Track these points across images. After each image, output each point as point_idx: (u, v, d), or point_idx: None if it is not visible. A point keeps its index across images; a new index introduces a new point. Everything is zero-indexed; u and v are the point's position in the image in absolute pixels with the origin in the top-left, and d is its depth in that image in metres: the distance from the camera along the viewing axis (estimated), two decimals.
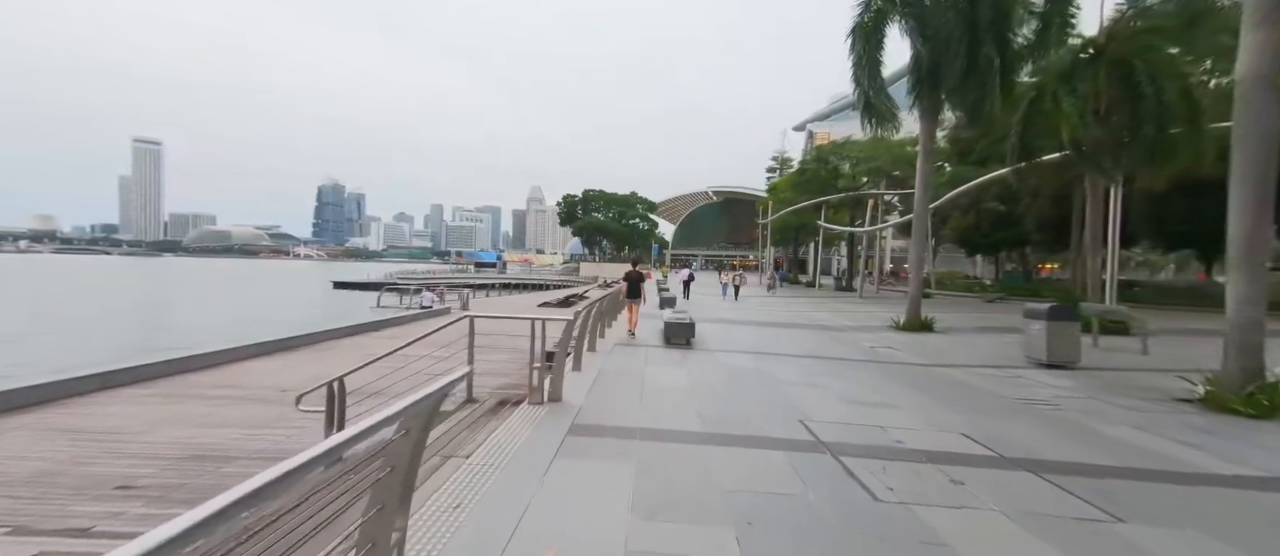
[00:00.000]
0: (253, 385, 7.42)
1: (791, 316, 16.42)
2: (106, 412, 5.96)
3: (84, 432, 5.22)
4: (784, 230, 46.47)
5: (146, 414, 5.92)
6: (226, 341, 9.69)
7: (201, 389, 7.18)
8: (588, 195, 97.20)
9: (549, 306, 23.60)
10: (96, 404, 6.25)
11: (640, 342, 9.54)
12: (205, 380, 7.62)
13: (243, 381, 7.63)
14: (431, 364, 4.90)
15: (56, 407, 5.96)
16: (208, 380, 7.63)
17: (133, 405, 6.29)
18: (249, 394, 6.95)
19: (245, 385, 7.42)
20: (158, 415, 5.88)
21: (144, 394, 6.73)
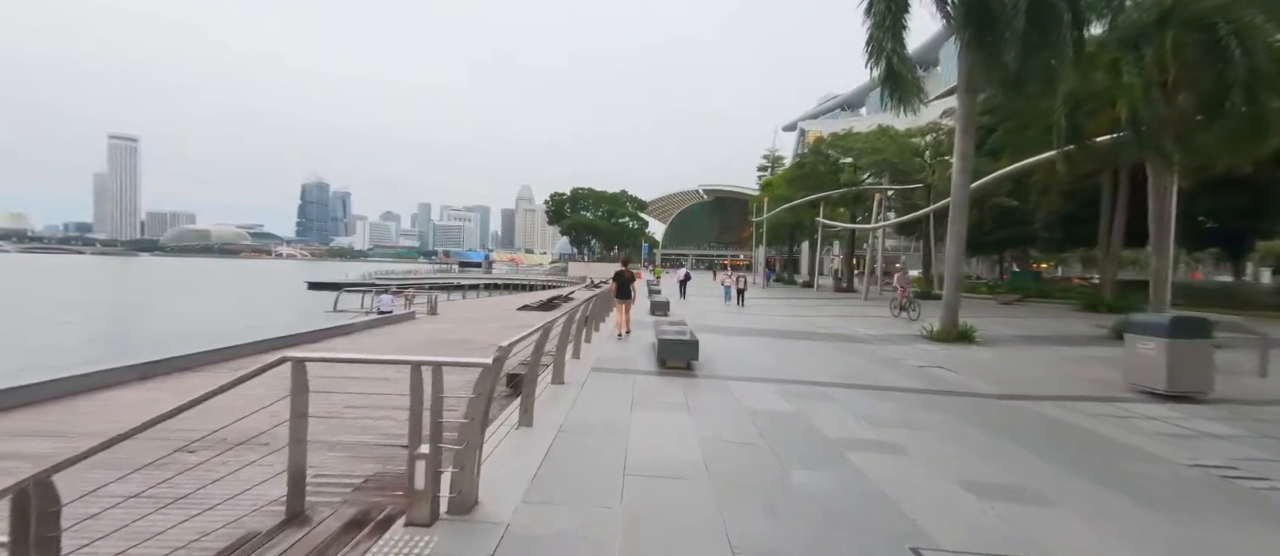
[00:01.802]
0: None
1: (802, 323, 14.35)
2: None
3: None
4: (779, 229, 44.61)
5: None
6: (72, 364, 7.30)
7: None
8: (576, 193, 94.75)
9: (530, 310, 21.32)
10: None
11: (629, 363, 7.36)
12: None
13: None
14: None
15: None
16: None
17: None
18: None
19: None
20: None
21: None
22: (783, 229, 45.29)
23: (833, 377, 7.11)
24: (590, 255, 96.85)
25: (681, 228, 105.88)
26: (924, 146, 26.54)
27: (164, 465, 3.01)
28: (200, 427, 3.06)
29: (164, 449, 3.20)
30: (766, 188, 47.69)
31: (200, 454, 3.39)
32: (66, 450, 2.01)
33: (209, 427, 3.11)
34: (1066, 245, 27.78)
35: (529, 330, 4.48)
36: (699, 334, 8.43)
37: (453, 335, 13.25)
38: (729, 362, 7.72)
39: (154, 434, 2.49)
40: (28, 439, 4.89)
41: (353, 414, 5.21)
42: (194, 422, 2.79)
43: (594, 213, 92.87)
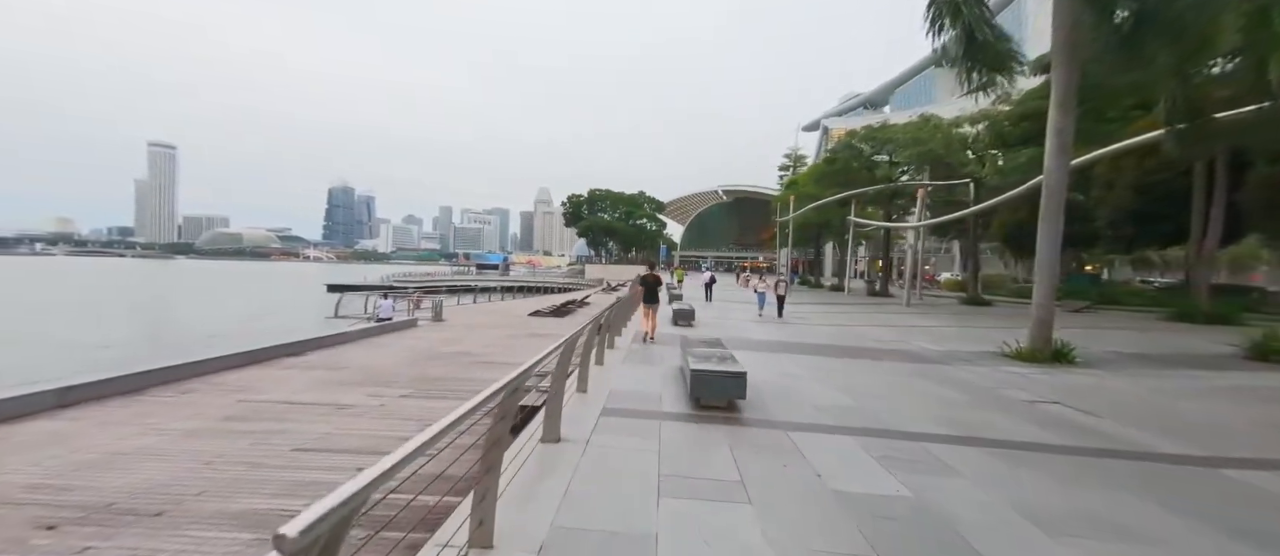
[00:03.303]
0: None
1: (850, 336, 12.33)
2: None
3: None
4: (803, 229, 42.27)
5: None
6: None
7: None
8: (593, 195, 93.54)
9: (541, 316, 19.74)
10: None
11: (650, 398, 5.57)
12: None
13: None
14: None
15: None
16: None
17: None
18: None
19: None
20: None
21: None
22: (808, 229, 42.94)
23: (930, 423, 5.18)
24: (608, 257, 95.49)
25: (700, 229, 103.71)
26: (974, 137, 24.07)
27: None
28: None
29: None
30: (791, 187, 45.38)
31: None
32: None
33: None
34: (1136, 244, 24.90)
35: (490, 388, 2.73)
36: (732, 348, 6.63)
37: (450, 346, 11.68)
38: (783, 397, 5.84)
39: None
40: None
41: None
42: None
43: (611, 214, 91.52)
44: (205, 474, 4.50)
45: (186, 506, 3.91)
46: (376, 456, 4.95)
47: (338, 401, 6.83)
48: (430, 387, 7.78)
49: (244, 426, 5.76)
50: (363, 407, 6.59)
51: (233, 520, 3.71)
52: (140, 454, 4.87)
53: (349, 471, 4.43)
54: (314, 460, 4.85)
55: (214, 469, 4.60)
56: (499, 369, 9.29)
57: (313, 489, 4.23)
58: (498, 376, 8.93)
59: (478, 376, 8.60)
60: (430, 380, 8.28)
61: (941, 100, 63.98)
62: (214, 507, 3.88)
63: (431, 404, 6.88)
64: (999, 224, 29.15)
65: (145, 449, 5.00)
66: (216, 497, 4.06)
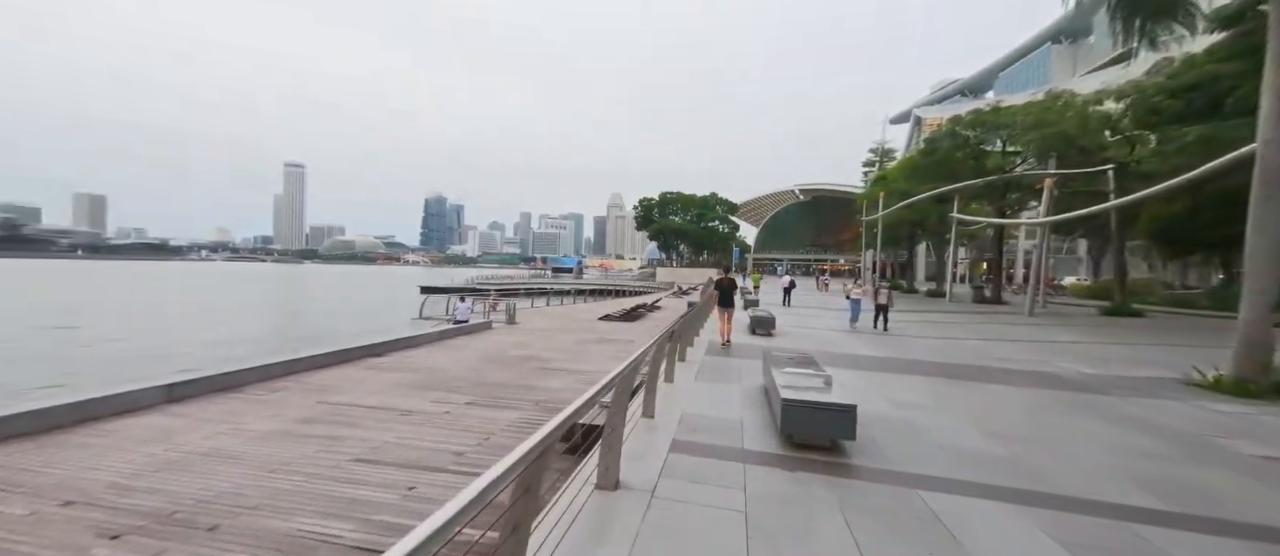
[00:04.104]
0: None
1: (968, 352, 10.41)
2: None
3: None
4: (894, 228, 38.43)
5: None
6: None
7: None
8: (664, 198, 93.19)
9: (611, 320, 19.43)
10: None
11: (729, 430, 4.72)
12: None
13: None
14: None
15: None
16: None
17: None
18: None
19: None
20: None
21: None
22: (899, 228, 39.01)
23: (1124, 487, 3.73)
24: (678, 260, 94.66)
25: (774, 230, 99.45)
26: (1118, 115, 20.05)
27: None
28: None
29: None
30: (879, 182, 41.55)
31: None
32: None
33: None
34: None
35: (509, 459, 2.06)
36: (826, 363, 5.53)
37: (519, 350, 11.56)
38: (902, 436, 4.68)
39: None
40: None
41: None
42: None
43: (682, 217, 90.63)
44: (267, 482, 4.38)
45: (239, 521, 3.73)
46: (429, 472, 4.44)
47: (404, 407, 6.72)
48: (494, 395, 7.51)
49: (315, 430, 5.74)
50: (425, 415, 6.40)
51: (275, 544, 3.45)
52: (217, 456, 4.91)
53: (398, 490, 4.02)
54: (369, 474, 4.61)
55: (276, 478, 4.48)
56: (563, 376, 8.89)
57: (360, 510, 3.94)
58: (561, 385, 8.51)
59: (541, 384, 8.24)
60: (494, 386, 8.03)
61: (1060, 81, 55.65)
62: (263, 525, 3.66)
63: (493, 413, 6.56)
64: (1148, 218, 24.24)
65: (222, 451, 5.05)
66: (269, 513, 3.86)
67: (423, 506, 4.04)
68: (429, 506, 4.05)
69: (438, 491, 4.30)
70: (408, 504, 4.07)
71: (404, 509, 3.99)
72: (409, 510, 3.97)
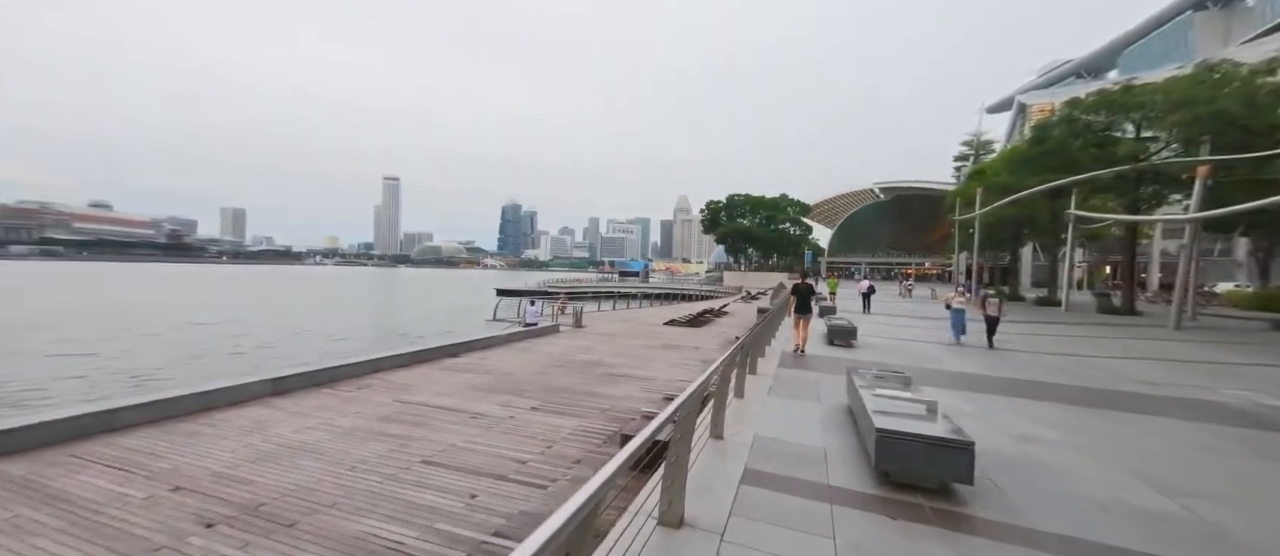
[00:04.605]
0: None
1: (1100, 374, 8.80)
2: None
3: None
4: (994, 227, 34.35)
5: None
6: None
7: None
8: (732, 200, 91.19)
9: (677, 325, 19.09)
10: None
11: (811, 460, 4.19)
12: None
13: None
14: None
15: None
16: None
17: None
18: None
19: None
20: None
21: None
22: (1002, 228, 34.80)
23: None
24: (746, 264, 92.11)
25: (850, 233, 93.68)
26: None
27: None
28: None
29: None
30: (976, 177, 37.50)
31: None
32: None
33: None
34: None
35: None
36: (922, 383, 4.74)
37: (585, 355, 11.58)
38: (1034, 481, 3.78)
39: None
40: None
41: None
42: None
43: (751, 219, 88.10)
44: (344, 480, 4.53)
45: (316, 519, 3.85)
46: (491, 480, 4.28)
47: (472, 409, 6.84)
48: (559, 401, 7.46)
49: (390, 429, 5.95)
50: (492, 419, 6.45)
51: (344, 546, 3.50)
52: (304, 450, 5.21)
53: (461, 498, 3.92)
54: (435, 477, 4.64)
55: (353, 476, 4.64)
56: (627, 384, 8.68)
57: (423, 516, 3.93)
58: (625, 394, 8.22)
59: (605, 392, 8.08)
60: (560, 392, 8.00)
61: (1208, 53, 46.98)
62: (334, 526, 3.75)
63: (556, 421, 6.47)
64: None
65: (310, 445, 5.35)
66: (342, 513, 3.96)
67: (483, 517, 3.96)
68: (488, 517, 3.96)
69: (498, 502, 4.21)
70: (468, 514, 4.00)
71: (464, 519, 3.92)
72: (469, 520, 3.90)
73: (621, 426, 6.22)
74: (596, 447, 5.56)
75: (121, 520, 3.72)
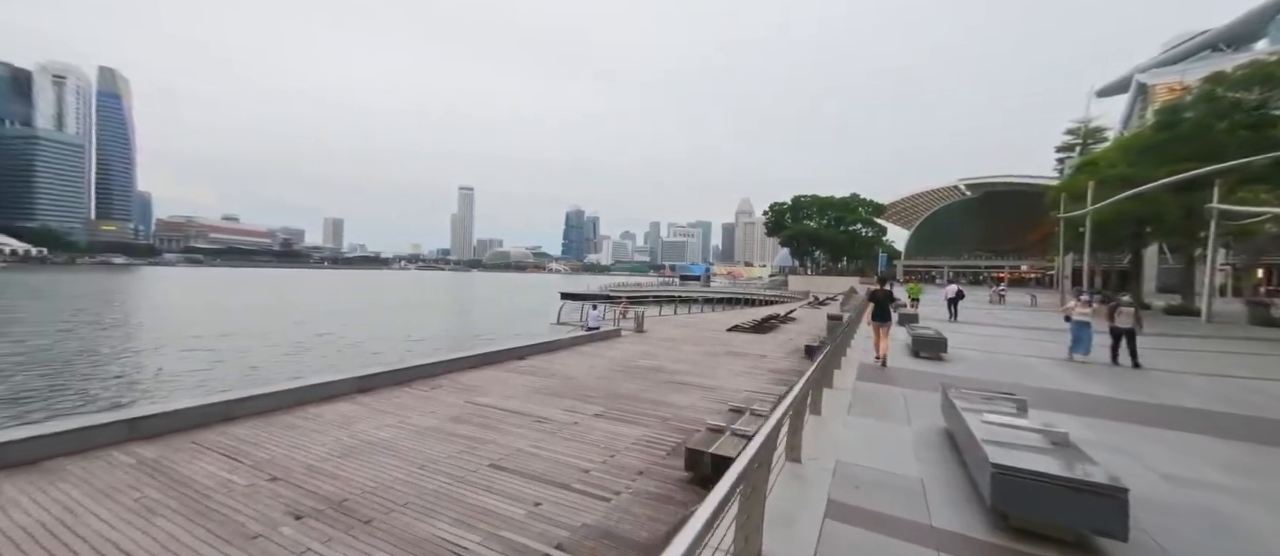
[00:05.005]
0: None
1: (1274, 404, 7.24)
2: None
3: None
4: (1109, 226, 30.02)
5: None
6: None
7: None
8: (797, 202, 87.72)
9: (741, 331, 18.48)
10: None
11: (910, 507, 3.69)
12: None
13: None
14: None
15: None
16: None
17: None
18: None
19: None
20: None
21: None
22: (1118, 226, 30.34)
23: None
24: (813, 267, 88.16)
25: (930, 233, 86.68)
26: None
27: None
28: None
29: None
30: (1086, 169, 33.11)
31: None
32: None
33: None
34: None
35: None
36: (1038, 406, 3.99)
37: (647, 360, 11.44)
38: (1209, 539, 3.02)
39: None
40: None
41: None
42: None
43: (818, 221, 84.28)
44: (417, 480, 4.67)
45: (391, 518, 3.96)
46: (554, 488, 4.18)
47: (538, 414, 6.89)
48: (622, 408, 7.35)
49: (461, 430, 6.12)
50: (557, 424, 6.46)
51: (414, 547, 3.55)
52: (383, 447, 5.46)
53: (525, 505, 3.89)
54: (502, 482, 4.66)
55: (425, 475, 4.77)
56: (691, 392, 8.40)
57: (488, 521, 3.94)
58: (689, 402, 7.94)
59: (668, 400, 7.87)
60: (623, 398, 7.89)
61: None
62: (407, 526, 3.84)
63: (619, 428, 6.35)
64: None
65: (388, 443, 5.61)
66: (414, 512, 4.06)
67: (544, 527, 3.89)
68: (550, 528, 3.88)
69: (561, 512, 4.12)
70: (531, 522, 3.95)
71: (527, 527, 3.87)
72: (532, 530, 3.84)
73: (685, 438, 5.97)
74: (660, 459, 5.36)
75: (226, 506, 4.04)
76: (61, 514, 3.83)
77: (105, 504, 4.00)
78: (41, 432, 4.86)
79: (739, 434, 5.19)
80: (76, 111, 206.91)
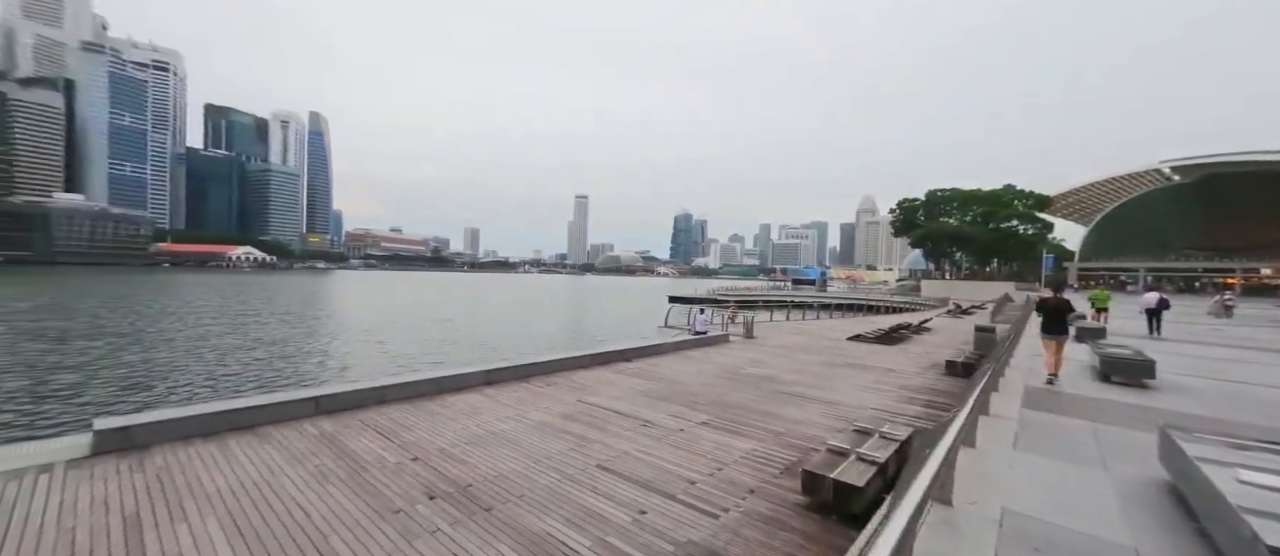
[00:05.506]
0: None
1: None
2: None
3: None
4: None
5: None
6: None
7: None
8: (932, 197, 77.85)
9: (864, 341, 16.74)
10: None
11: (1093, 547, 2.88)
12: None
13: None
14: None
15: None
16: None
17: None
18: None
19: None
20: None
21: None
22: None
23: None
24: (954, 271, 77.38)
25: (1118, 229, 70.58)
26: None
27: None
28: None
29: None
30: None
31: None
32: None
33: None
34: None
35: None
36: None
37: (757, 368, 10.86)
38: None
39: None
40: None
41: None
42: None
43: (960, 217, 73.80)
44: (531, 474, 4.89)
45: (507, 509, 4.17)
46: (660, 498, 4.03)
47: (644, 417, 6.87)
48: (730, 417, 7.01)
49: (571, 427, 6.33)
50: (663, 429, 6.36)
51: (528, 542, 3.67)
52: (503, 439, 5.85)
53: (631, 512, 3.82)
54: (608, 484, 4.67)
55: (539, 470, 4.98)
56: (806, 406, 7.71)
57: (596, 524, 3.94)
58: (803, 417, 7.31)
59: (780, 412, 7.31)
60: (731, 407, 7.53)
61: None
62: (521, 519, 4.00)
63: (727, 440, 6.04)
64: None
65: (507, 435, 6.00)
66: (528, 505, 4.23)
67: (650, 538, 3.77)
68: (656, 539, 3.75)
69: (666, 524, 3.97)
70: (636, 531, 3.86)
71: (633, 537, 3.78)
72: (638, 540, 3.74)
73: (801, 457, 5.46)
74: (772, 478, 4.94)
75: (378, 480, 4.62)
76: (265, 473, 4.70)
77: (295, 468, 4.83)
78: (257, 403, 6.08)
79: (867, 460, 4.57)
80: (293, 148, 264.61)
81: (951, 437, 2.68)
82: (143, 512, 3.91)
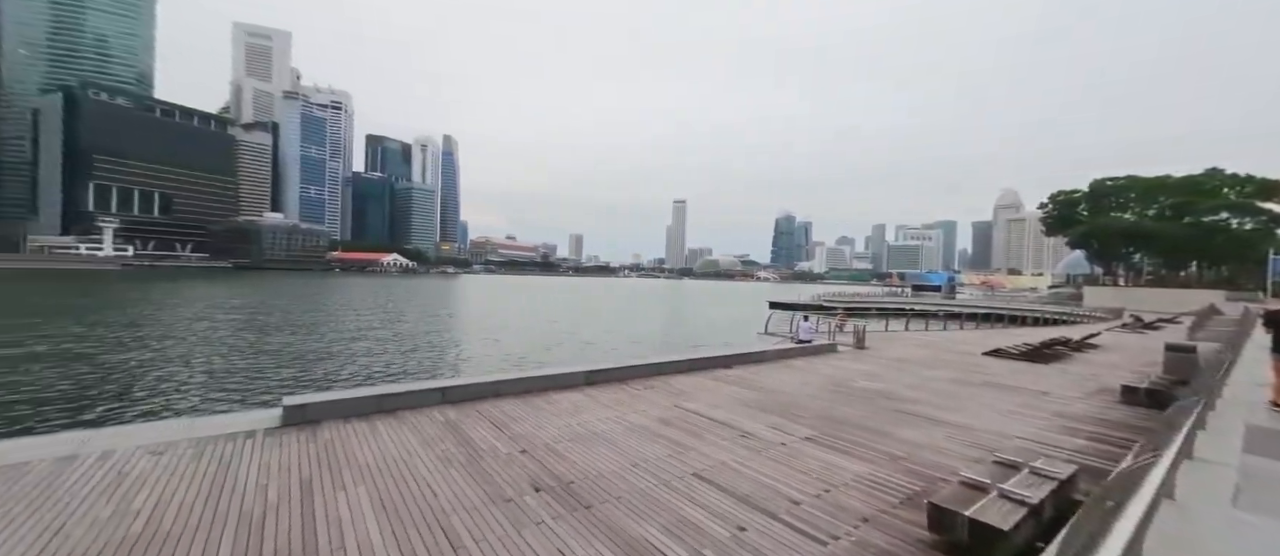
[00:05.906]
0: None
1: None
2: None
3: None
4: None
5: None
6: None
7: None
8: (1097, 187, 65.04)
9: (1005, 357, 14.43)
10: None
11: None
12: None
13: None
14: None
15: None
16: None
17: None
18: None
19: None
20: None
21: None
22: None
23: None
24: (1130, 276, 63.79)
25: None
26: None
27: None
28: None
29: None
30: None
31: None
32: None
33: None
34: None
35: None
36: None
37: (869, 381, 9.93)
38: None
39: None
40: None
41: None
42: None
43: (1139, 210, 60.71)
44: (628, 475, 4.97)
45: (605, 509, 4.27)
46: (761, 515, 3.85)
47: (743, 427, 6.63)
48: (838, 434, 6.46)
49: (668, 432, 6.33)
50: (762, 442, 6.07)
51: (624, 545, 3.71)
52: (602, 439, 6.03)
53: (729, 526, 3.68)
54: (704, 495, 4.57)
55: (635, 473, 5.04)
56: (928, 427, 6.82)
57: (692, 535, 3.86)
58: (925, 440, 6.54)
59: (896, 433, 6.56)
60: (839, 423, 6.95)
61: None
62: (618, 521, 4.06)
63: (834, 459, 5.57)
64: None
65: (606, 435, 6.17)
66: (624, 509, 4.28)
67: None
68: None
69: (768, 545, 3.75)
70: (736, 548, 3.70)
71: (731, 554, 3.63)
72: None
73: (926, 487, 4.82)
74: (889, 507, 4.43)
75: (492, 468, 5.03)
76: (403, 453, 5.38)
77: (425, 450, 5.46)
78: (397, 390, 7.00)
79: (1013, 498, 3.88)
80: (430, 167, 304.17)
81: (1155, 486, 2.15)
82: (313, 479, 4.70)
